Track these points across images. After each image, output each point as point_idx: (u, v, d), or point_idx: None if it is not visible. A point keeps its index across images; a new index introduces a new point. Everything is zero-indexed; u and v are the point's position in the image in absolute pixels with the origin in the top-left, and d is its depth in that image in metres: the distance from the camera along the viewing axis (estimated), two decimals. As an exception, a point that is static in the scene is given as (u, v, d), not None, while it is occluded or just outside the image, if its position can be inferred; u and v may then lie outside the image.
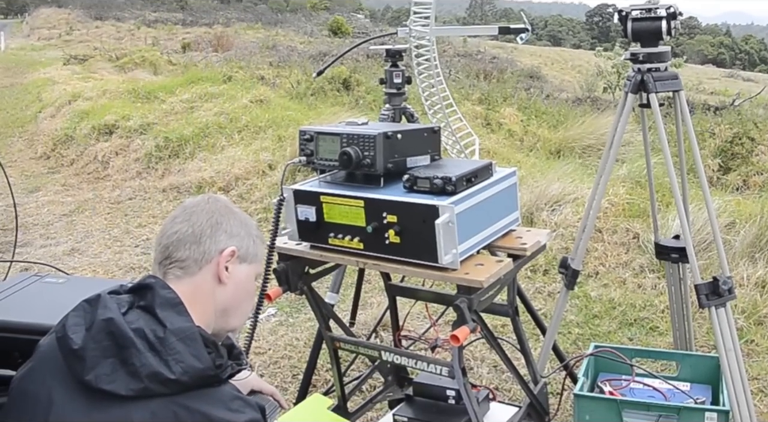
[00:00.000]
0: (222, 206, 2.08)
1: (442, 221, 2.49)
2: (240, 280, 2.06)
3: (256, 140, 10.18)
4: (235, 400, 1.84)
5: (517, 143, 11.37)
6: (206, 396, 1.80)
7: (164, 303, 1.87)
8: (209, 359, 1.82)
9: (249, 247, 2.09)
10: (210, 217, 2.03)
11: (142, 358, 1.75)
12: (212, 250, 2.00)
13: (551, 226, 6.46)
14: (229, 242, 2.03)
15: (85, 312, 1.87)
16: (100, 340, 1.79)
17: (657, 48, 3.48)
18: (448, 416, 3.15)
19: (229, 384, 1.90)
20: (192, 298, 1.95)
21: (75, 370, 1.79)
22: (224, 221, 2.05)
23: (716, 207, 5.97)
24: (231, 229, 2.05)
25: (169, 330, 1.81)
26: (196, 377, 1.78)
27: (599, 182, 3.72)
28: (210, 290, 2.01)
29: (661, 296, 5.41)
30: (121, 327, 1.79)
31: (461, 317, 2.56)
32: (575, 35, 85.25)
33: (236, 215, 2.09)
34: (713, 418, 3.20)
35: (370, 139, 2.72)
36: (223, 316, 2.07)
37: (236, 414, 1.81)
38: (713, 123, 10.31)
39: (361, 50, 17.99)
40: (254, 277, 2.14)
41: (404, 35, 4.23)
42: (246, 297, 2.13)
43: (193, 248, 1.98)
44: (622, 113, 3.60)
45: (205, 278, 1.99)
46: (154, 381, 1.74)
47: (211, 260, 2.00)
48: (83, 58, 22.77)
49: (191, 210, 2.04)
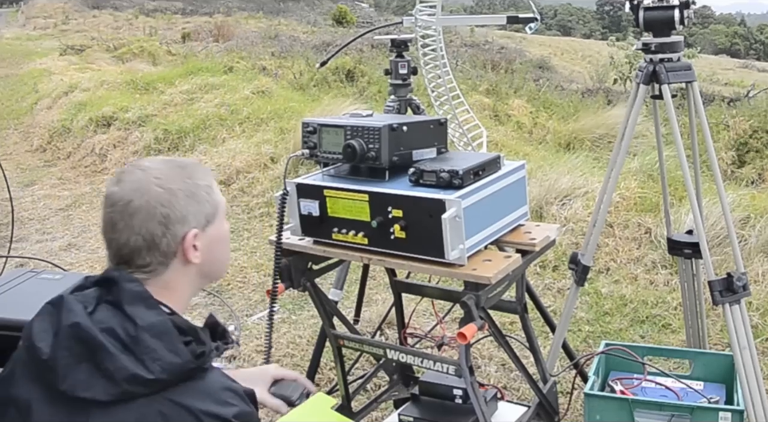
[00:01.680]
0: (157, 193, 1.90)
1: (449, 216, 2.49)
2: (211, 242, 1.99)
3: (258, 132, 10.17)
4: (224, 391, 1.82)
5: (526, 135, 11.37)
6: (191, 389, 1.78)
7: (132, 298, 1.82)
8: (187, 351, 1.79)
9: (205, 213, 1.98)
10: (153, 216, 1.88)
11: (116, 361, 1.72)
12: (172, 244, 1.91)
13: (561, 221, 6.45)
14: (186, 227, 1.92)
15: (51, 316, 1.82)
16: (70, 347, 1.75)
17: (669, 38, 3.48)
18: (455, 416, 3.15)
19: (216, 372, 1.87)
20: (166, 289, 1.92)
21: (49, 380, 1.76)
22: (170, 211, 1.90)
23: (730, 201, 5.96)
24: (181, 212, 1.92)
25: (141, 326, 1.77)
26: (177, 372, 1.76)
27: (610, 175, 3.71)
28: (183, 274, 1.96)
29: (673, 292, 5.41)
30: (89, 331, 1.75)
31: (468, 314, 2.56)
32: (585, 25, 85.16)
33: (176, 193, 1.92)
34: (727, 418, 3.20)
35: (375, 131, 2.72)
36: (209, 276, 2.06)
37: (224, 407, 1.79)
38: (727, 115, 10.28)
39: (366, 40, 17.96)
40: (223, 223, 2.05)
41: (410, 25, 4.22)
42: (224, 248, 2.07)
43: (152, 254, 1.90)
44: (633, 105, 3.59)
45: (175, 268, 1.94)
46: (133, 383, 1.72)
47: (175, 253, 1.92)
48: (80, 48, 22.77)
49: (128, 212, 1.88)
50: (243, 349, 4.95)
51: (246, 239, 7.31)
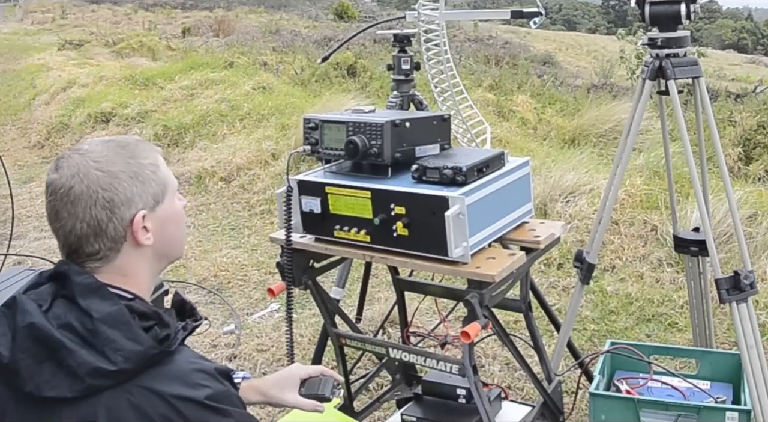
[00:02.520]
0: (97, 176, 1.84)
1: (452, 213, 2.49)
2: (163, 222, 1.94)
3: (259, 128, 10.18)
4: (194, 372, 1.78)
5: (531, 131, 11.36)
6: (159, 374, 1.76)
7: (84, 291, 1.80)
8: (148, 338, 1.76)
9: (153, 190, 1.91)
10: (95, 201, 1.83)
11: (77, 357, 1.70)
12: (120, 229, 1.85)
13: (566, 218, 6.45)
14: (133, 209, 1.86)
15: (7, 319, 1.79)
16: (29, 348, 1.73)
17: (676, 33, 3.47)
18: (458, 415, 3.15)
19: (185, 353, 1.84)
20: (123, 275, 1.89)
21: (14, 384, 1.74)
22: (113, 195, 1.84)
23: (737, 198, 5.95)
24: (125, 196, 1.86)
25: (97, 319, 1.74)
26: (140, 360, 1.73)
27: (616, 172, 3.71)
28: (139, 257, 1.91)
29: (680, 291, 5.41)
30: (44, 329, 1.73)
31: (472, 312, 2.56)
32: (591, 19, 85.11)
33: (118, 175, 1.86)
34: (734, 418, 3.20)
35: (378, 127, 2.72)
36: (165, 257, 2.01)
37: (196, 389, 1.75)
38: (734, 111, 10.29)
39: (368, 35, 17.97)
40: (174, 201, 1.99)
41: (413, 19, 4.22)
42: (178, 226, 2.01)
43: (99, 240, 1.85)
44: (639, 101, 3.59)
45: (127, 252, 1.89)
46: (97, 377, 1.70)
47: (124, 237, 1.87)
48: (79, 43, 22.80)
49: (70, 199, 1.83)
50: (244, 348, 4.95)
51: (247, 237, 7.31)
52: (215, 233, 7.45)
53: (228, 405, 1.80)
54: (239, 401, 1.87)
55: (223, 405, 1.79)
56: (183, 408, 1.73)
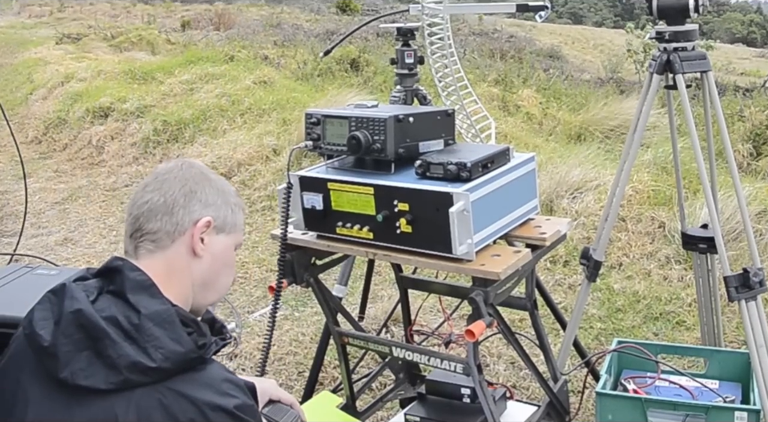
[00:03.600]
0: (197, 172, 2.04)
1: (457, 210, 2.49)
2: (217, 252, 2.03)
3: (260, 123, 10.18)
4: (224, 382, 1.83)
5: (536, 126, 11.35)
6: (192, 379, 1.79)
7: (135, 287, 1.85)
8: (190, 341, 1.81)
9: (227, 216, 2.05)
10: (183, 185, 1.99)
11: (119, 349, 1.74)
12: (186, 221, 1.97)
13: (572, 214, 6.45)
14: (204, 212, 1.99)
15: (52, 304, 1.84)
16: (71, 334, 1.77)
17: (684, 26, 3.47)
18: (462, 415, 3.15)
19: (216, 364, 1.88)
20: (166, 275, 1.93)
21: (49, 368, 1.77)
22: (199, 189, 2.00)
23: (746, 195, 5.95)
24: (206, 198, 2.01)
25: (144, 315, 1.79)
26: (179, 361, 1.77)
27: (623, 167, 3.71)
28: (185, 265, 1.98)
29: (688, 288, 5.40)
30: (91, 317, 1.77)
31: (477, 311, 2.56)
32: (597, 13, 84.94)
33: (212, 183, 2.05)
34: (743, 418, 3.20)
35: (381, 122, 2.72)
36: (202, 291, 2.05)
37: (225, 398, 1.80)
38: (743, 106, 10.26)
39: (371, 29, 17.98)
40: (233, 248, 2.11)
41: (416, 13, 4.22)
42: (225, 270, 2.09)
43: (164, 220, 1.95)
44: (646, 95, 3.59)
45: (178, 251, 1.96)
46: (135, 372, 1.73)
47: (184, 231, 1.97)
48: (77, 36, 22.77)
49: (163, 178, 2.00)
50: (244, 347, 4.95)
51: (247, 234, 7.30)
52: (216, 229, 7.42)
53: (252, 418, 1.85)
54: (259, 417, 1.93)
55: (248, 418, 1.83)
56: (212, 415, 1.77)
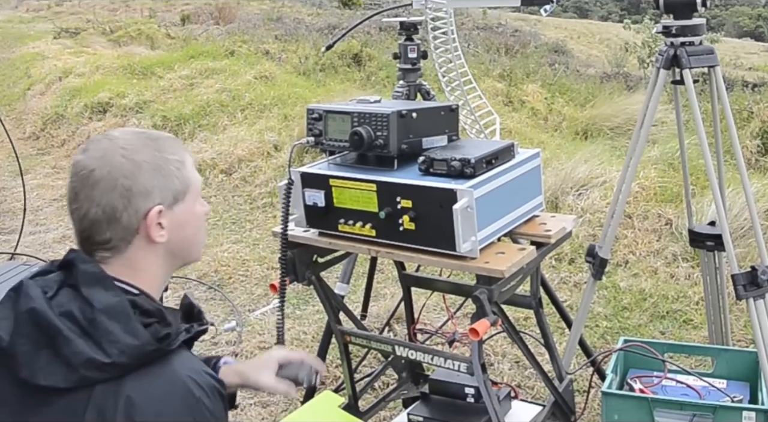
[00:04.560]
0: (120, 162, 1.87)
1: (461, 207, 2.49)
2: (181, 221, 1.97)
3: (261, 119, 10.18)
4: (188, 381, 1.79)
5: (541, 122, 11.35)
6: (152, 374, 1.77)
7: (88, 280, 1.82)
8: (146, 333, 1.77)
9: (174, 188, 1.94)
10: (114, 187, 1.85)
11: (73, 346, 1.72)
12: (133, 220, 1.88)
13: (577, 211, 6.44)
14: (149, 203, 1.89)
15: (12, 303, 1.82)
16: (28, 333, 1.76)
17: (691, 20, 3.46)
18: (466, 415, 3.15)
19: (185, 356, 1.85)
20: (132, 270, 1.91)
21: (10, 368, 1.77)
22: (133, 184, 1.87)
23: (755, 191, 5.95)
24: (144, 187, 1.88)
25: (98, 309, 1.76)
26: (135, 355, 1.75)
27: (629, 164, 3.71)
28: (149, 255, 1.93)
29: (695, 286, 5.40)
30: (45, 315, 1.76)
31: (481, 309, 2.56)
32: (603, 6, 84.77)
33: (141, 165, 1.89)
34: (751, 418, 3.20)
35: (383, 118, 2.72)
36: (181, 257, 2.03)
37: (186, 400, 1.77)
38: (752, 101, 10.24)
39: (374, 23, 17.94)
40: (196, 203, 2.03)
41: (420, 7, 4.22)
42: (195, 230, 2.04)
43: (111, 229, 1.87)
44: (653, 91, 3.58)
45: (137, 246, 1.91)
46: (91, 368, 1.72)
47: (137, 230, 1.89)
48: (75, 31, 22.75)
49: (90, 182, 1.86)
50: (245, 346, 4.96)
51: (248, 231, 7.31)
52: (216, 227, 7.45)
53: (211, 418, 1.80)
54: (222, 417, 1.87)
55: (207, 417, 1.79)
56: (170, 416, 1.74)
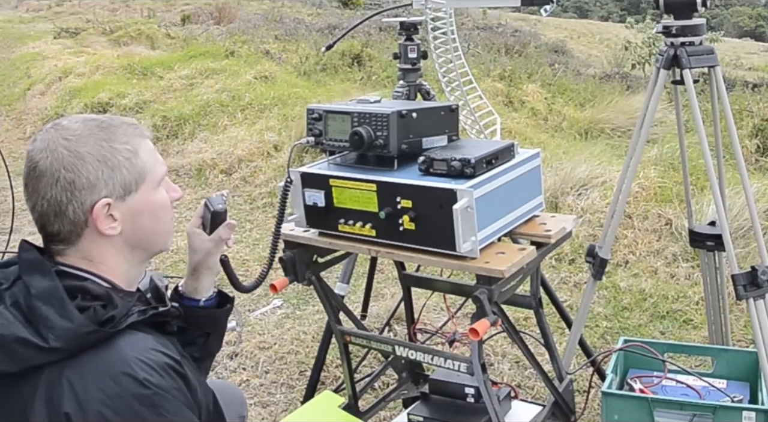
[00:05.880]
0: (63, 154, 1.84)
1: (461, 207, 2.49)
2: (136, 211, 1.94)
3: (261, 119, 10.18)
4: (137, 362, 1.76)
5: (541, 122, 11.34)
6: (96, 357, 1.76)
7: (27, 267, 1.83)
8: (80, 316, 1.75)
9: (123, 179, 1.89)
10: (56, 180, 1.83)
11: (14, 332, 1.74)
12: (79, 214, 1.86)
13: (577, 211, 6.44)
14: (95, 195, 1.86)
15: None
16: None
17: (691, 20, 3.46)
18: (466, 415, 3.15)
19: (138, 337, 1.82)
20: (90, 261, 1.90)
21: None
22: (76, 176, 1.84)
23: (755, 191, 5.95)
24: (88, 179, 1.85)
25: (33, 295, 1.77)
26: (73, 339, 1.74)
27: (629, 164, 3.71)
28: (105, 244, 1.91)
29: (695, 286, 5.40)
30: None
31: (481, 309, 2.56)
32: (603, 6, 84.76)
33: (84, 157, 1.84)
34: (751, 418, 3.20)
35: (383, 118, 2.72)
36: (140, 247, 1.99)
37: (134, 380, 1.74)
38: (752, 101, 10.24)
39: (374, 23, 17.93)
40: (155, 189, 1.98)
41: (420, 7, 4.22)
42: (155, 220, 1.99)
43: (59, 222, 1.86)
44: (653, 91, 3.58)
45: (90, 239, 1.89)
46: (29, 352, 1.73)
47: (85, 223, 1.88)
48: (75, 31, 22.74)
49: (35, 175, 1.85)
50: (245, 346, 4.95)
51: (248, 231, 7.31)
52: (216, 227, 7.42)
53: (165, 404, 1.77)
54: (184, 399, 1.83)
55: (160, 403, 1.76)
56: (116, 398, 1.73)
